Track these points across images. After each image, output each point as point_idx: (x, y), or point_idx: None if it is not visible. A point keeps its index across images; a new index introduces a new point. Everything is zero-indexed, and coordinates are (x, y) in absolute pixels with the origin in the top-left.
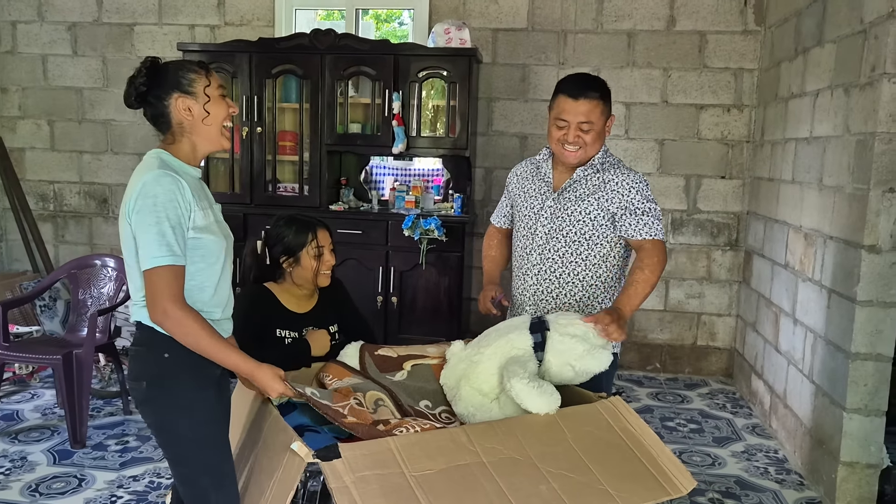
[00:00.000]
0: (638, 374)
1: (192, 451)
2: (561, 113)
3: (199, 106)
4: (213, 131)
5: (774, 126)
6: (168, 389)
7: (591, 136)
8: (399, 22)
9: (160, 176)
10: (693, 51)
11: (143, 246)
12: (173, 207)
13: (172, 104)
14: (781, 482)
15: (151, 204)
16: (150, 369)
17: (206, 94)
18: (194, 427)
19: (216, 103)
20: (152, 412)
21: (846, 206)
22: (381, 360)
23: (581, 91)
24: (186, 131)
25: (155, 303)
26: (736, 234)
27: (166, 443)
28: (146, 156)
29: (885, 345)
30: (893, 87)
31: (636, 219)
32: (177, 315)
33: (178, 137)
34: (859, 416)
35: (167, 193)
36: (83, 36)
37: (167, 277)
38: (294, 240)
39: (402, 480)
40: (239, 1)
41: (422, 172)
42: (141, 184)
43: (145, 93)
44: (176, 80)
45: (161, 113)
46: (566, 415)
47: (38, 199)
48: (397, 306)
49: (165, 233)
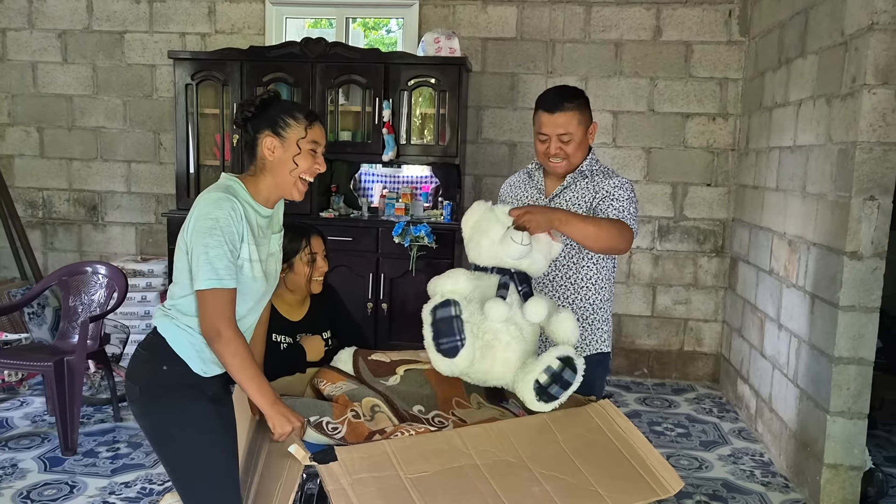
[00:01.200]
0: (626, 380)
1: (182, 457)
2: (541, 127)
3: (282, 151)
4: (287, 179)
5: (759, 135)
6: (159, 399)
7: (571, 146)
8: (387, 30)
9: (221, 199)
10: (679, 60)
11: (199, 266)
12: (230, 232)
13: (261, 140)
14: (767, 485)
15: (210, 226)
16: (147, 375)
17: (298, 146)
18: (185, 435)
19: (303, 157)
20: (143, 416)
21: (829, 213)
22: (374, 365)
23: (557, 104)
24: (266, 169)
25: (207, 322)
26: (722, 241)
27: (157, 446)
28: (220, 178)
29: (866, 349)
30: (873, 97)
31: (610, 203)
32: (228, 335)
33: (258, 172)
34: (842, 420)
35: (226, 218)
36: (73, 43)
37: (220, 299)
38: (288, 246)
39: (397, 482)
40: (229, 9)
41: (411, 180)
42: (203, 204)
43: (248, 119)
44: (273, 119)
45: (250, 143)
46: (557, 418)
47: (26, 207)
48: (387, 313)
49: (221, 256)
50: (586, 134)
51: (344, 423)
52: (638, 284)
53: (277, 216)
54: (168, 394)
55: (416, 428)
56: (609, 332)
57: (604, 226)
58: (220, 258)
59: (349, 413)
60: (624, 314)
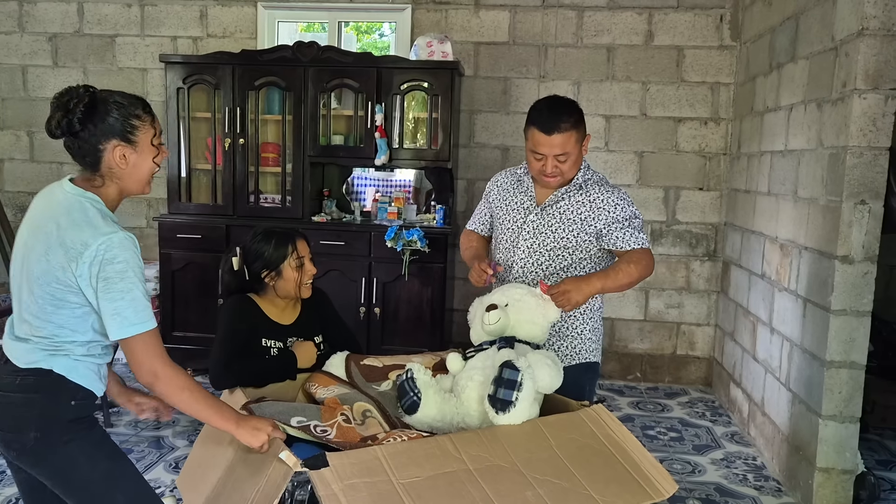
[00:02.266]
0: (619, 384)
1: (102, 489)
2: (536, 146)
3: (137, 156)
4: (142, 179)
5: (750, 139)
6: (65, 435)
7: (568, 164)
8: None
9: (125, 240)
10: (671, 65)
11: (118, 313)
12: (140, 271)
13: (107, 149)
14: (760, 489)
15: (122, 269)
16: (43, 417)
17: (153, 145)
18: (100, 466)
19: (158, 153)
20: (44, 461)
21: (820, 217)
22: (366, 370)
23: (553, 125)
24: (116, 176)
25: (142, 367)
26: (714, 245)
27: (76, 490)
28: (72, 194)
29: (858, 353)
30: (864, 102)
31: (623, 232)
32: (167, 373)
33: (105, 181)
34: (834, 423)
35: (135, 258)
36: (64, 47)
37: (152, 341)
38: (274, 253)
39: (389, 488)
40: (221, 13)
41: (403, 183)
42: (109, 246)
43: (78, 129)
44: (118, 127)
45: (90, 153)
46: (550, 422)
47: (16, 211)
48: (380, 317)
49: (138, 298)
50: (581, 149)
51: (333, 426)
52: (630, 288)
53: None
54: (71, 428)
55: (408, 434)
56: (599, 342)
57: (633, 272)
58: (139, 301)
59: (339, 417)
60: (617, 318)
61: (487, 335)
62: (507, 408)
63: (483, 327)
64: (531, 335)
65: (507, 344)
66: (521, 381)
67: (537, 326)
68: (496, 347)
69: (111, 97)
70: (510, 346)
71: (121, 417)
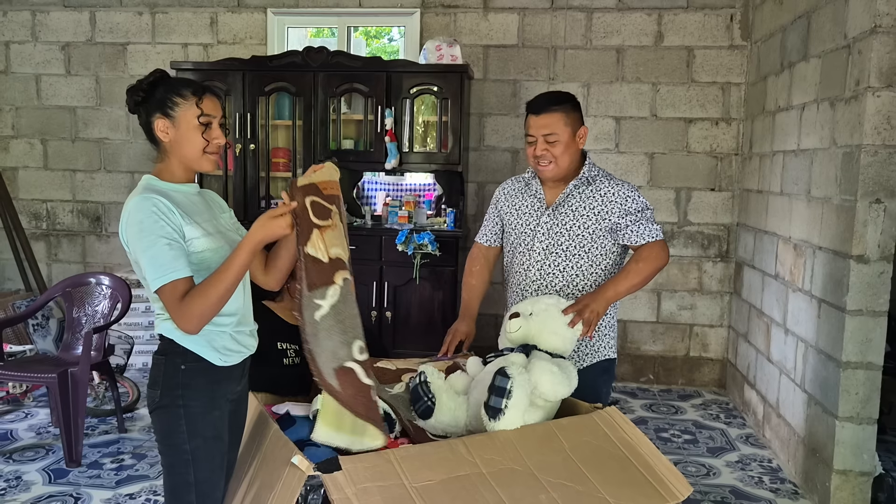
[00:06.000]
0: (632, 386)
1: (186, 465)
2: (528, 129)
3: (175, 130)
4: (189, 154)
5: (762, 139)
6: (179, 400)
7: (558, 148)
8: (389, 38)
9: (140, 201)
10: (681, 65)
11: (144, 271)
12: (160, 227)
13: (154, 123)
14: (776, 491)
15: (138, 230)
16: (165, 378)
17: (190, 122)
18: (194, 442)
19: (197, 132)
20: (160, 419)
21: (834, 217)
22: (379, 373)
23: (543, 106)
24: (168, 150)
25: (170, 317)
26: (726, 246)
27: (166, 450)
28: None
29: (874, 353)
30: (877, 100)
31: (637, 225)
32: (182, 319)
33: (164, 156)
34: (851, 425)
35: (150, 216)
36: (76, 55)
37: (171, 294)
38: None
39: (403, 492)
40: (231, 19)
41: (413, 187)
42: (126, 213)
43: (139, 103)
44: (162, 101)
45: (146, 127)
46: (563, 425)
47: (31, 218)
48: (391, 321)
49: (158, 254)
50: (575, 137)
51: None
52: (642, 290)
53: (211, 196)
54: (187, 391)
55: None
56: (615, 339)
57: (643, 269)
58: (160, 255)
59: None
60: (629, 320)
61: (509, 342)
62: (497, 415)
63: (505, 334)
64: (553, 346)
65: (522, 351)
66: (511, 389)
67: (559, 338)
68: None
69: (170, 79)
70: (526, 353)
71: (135, 423)
